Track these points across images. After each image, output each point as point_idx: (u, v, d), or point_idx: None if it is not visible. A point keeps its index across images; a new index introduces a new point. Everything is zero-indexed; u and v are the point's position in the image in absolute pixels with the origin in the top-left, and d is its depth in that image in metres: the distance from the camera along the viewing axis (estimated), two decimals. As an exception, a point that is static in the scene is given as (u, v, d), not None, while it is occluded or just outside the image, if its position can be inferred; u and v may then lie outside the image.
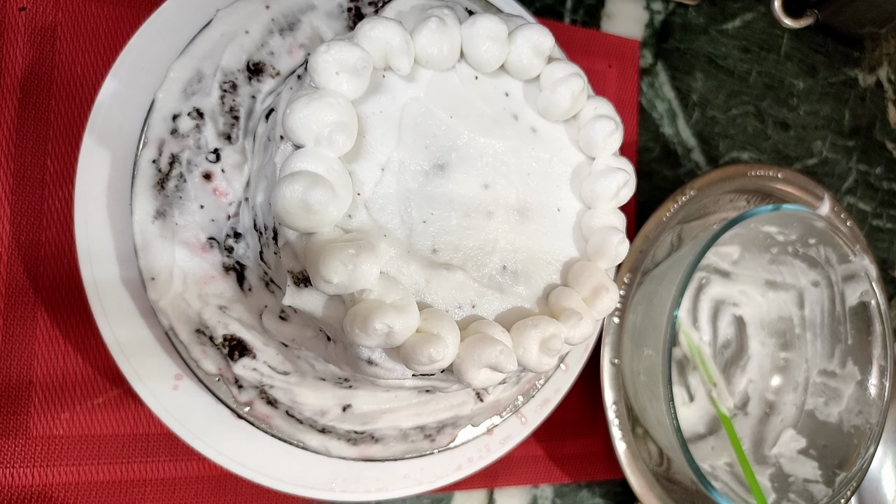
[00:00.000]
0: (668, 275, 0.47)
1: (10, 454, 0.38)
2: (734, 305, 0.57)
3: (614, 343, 0.49)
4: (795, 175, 0.56)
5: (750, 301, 0.57)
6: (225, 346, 0.37)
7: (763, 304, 0.57)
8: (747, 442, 0.54)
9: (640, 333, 0.48)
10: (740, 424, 0.55)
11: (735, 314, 0.57)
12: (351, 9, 0.37)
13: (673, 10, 0.59)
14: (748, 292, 0.57)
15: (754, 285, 0.57)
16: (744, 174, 0.54)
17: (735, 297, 0.57)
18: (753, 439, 0.54)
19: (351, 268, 0.27)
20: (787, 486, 0.50)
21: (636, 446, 0.49)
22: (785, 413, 0.54)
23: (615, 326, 0.49)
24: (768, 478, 0.51)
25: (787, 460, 0.52)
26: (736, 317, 0.57)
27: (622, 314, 0.49)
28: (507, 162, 0.33)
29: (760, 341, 0.57)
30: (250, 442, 0.39)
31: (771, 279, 0.56)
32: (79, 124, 0.40)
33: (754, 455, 0.53)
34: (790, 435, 0.53)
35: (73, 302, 0.40)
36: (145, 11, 0.38)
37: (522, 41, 0.32)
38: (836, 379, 0.53)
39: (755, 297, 0.57)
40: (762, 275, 0.56)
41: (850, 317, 0.52)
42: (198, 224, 0.36)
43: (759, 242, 0.54)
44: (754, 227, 0.51)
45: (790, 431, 0.53)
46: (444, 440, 0.42)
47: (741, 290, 0.57)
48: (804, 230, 0.50)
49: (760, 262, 0.56)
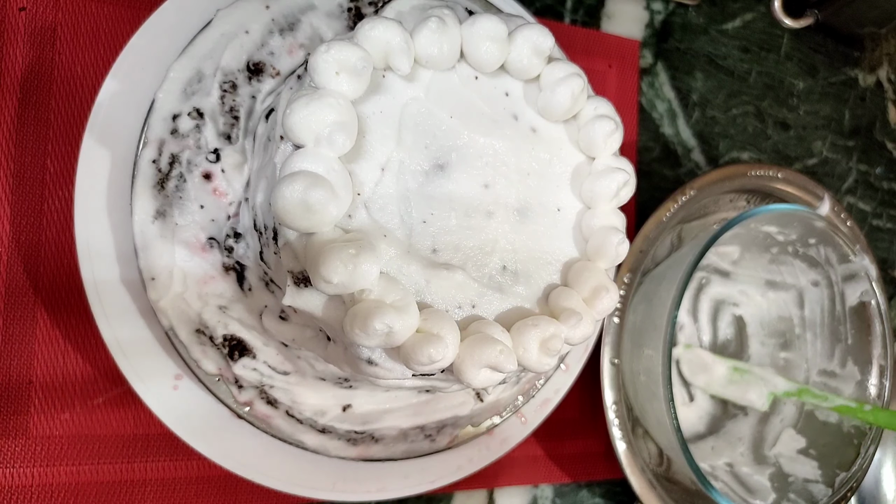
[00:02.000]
0: (668, 274, 0.47)
1: (10, 454, 0.38)
2: (734, 305, 0.57)
3: (614, 343, 0.49)
4: (795, 175, 0.56)
5: (750, 301, 0.57)
6: (225, 346, 0.37)
7: (763, 304, 0.57)
8: (746, 442, 0.54)
9: (640, 333, 0.48)
10: (739, 425, 0.55)
11: (735, 314, 0.57)
12: (351, 9, 0.37)
13: (673, 10, 0.59)
14: (748, 292, 0.57)
15: (754, 285, 0.57)
16: (744, 174, 0.54)
17: (735, 296, 0.57)
18: (753, 439, 0.54)
19: (351, 268, 0.27)
20: (786, 486, 0.50)
21: (636, 446, 0.49)
22: (784, 413, 0.54)
23: (615, 326, 0.49)
24: (768, 477, 0.51)
25: (786, 460, 0.51)
26: (736, 317, 0.57)
27: (622, 314, 0.49)
28: (507, 162, 0.33)
29: (760, 341, 0.57)
30: (250, 442, 0.39)
31: (771, 279, 0.56)
32: (79, 124, 0.40)
33: (754, 455, 0.53)
34: (790, 435, 0.53)
35: (73, 302, 0.40)
36: (145, 11, 0.38)
37: (522, 41, 0.32)
38: (836, 379, 0.53)
39: (755, 297, 0.57)
40: (762, 275, 0.56)
41: (850, 317, 0.52)
42: (198, 224, 0.36)
43: (759, 242, 0.54)
44: (754, 227, 0.51)
45: (790, 431, 0.53)
46: (444, 440, 0.42)
47: (741, 289, 0.57)
48: (804, 230, 0.50)
49: (760, 262, 0.56)
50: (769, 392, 0.53)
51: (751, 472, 0.52)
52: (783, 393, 0.53)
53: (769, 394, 0.53)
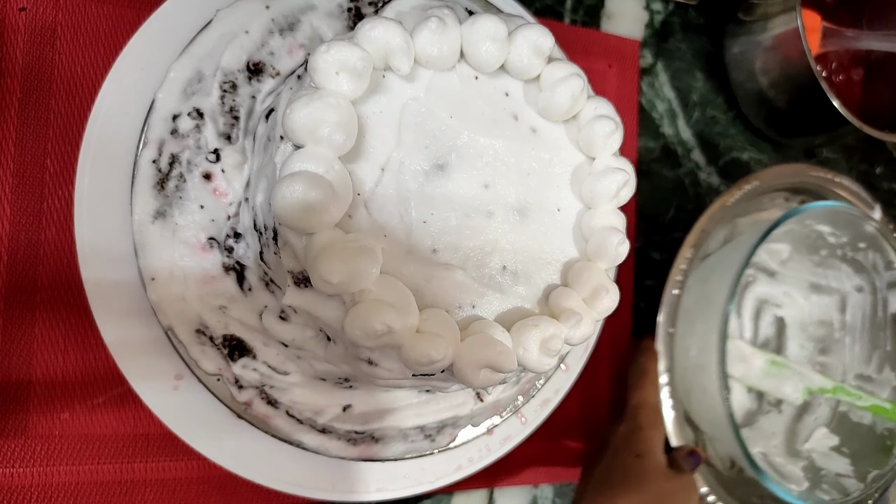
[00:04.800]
0: (721, 264, 0.48)
1: (10, 454, 0.38)
2: (776, 306, 0.59)
3: (670, 314, 0.50)
4: (851, 181, 0.57)
5: (793, 303, 0.59)
6: (225, 346, 0.37)
7: (805, 307, 0.58)
8: (780, 437, 0.55)
9: (694, 312, 0.49)
10: (773, 420, 0.56)
11: (777, 315, 0.58)
12: (351, 9, 0.37)
13: (673, 10, 0.59)
14: (792, 294, 0.58)
15: (798, 287, 0.58)
16: (805, 172, 0.55)
17: (778, 298, 0.58)
18: (786, 435, 0.56)
19: (351, 268, 0.27)
20: (819, 478, 0.51)
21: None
22: (819, 413, 0.55)
23: (674, 298, 0.50)
24: (801, 469, 0.52)
25: (819, 455, 0.53)
26: (777, 317, 0.58)
27: (682, 287, 0.51)
28: (507, 162, 0.33)
29: (799, 343, 0.58)
30: (250, 442, 0.39)
31: (816, 282, 0.58)
32: (79, 124, 0.40)
33: (787, 448, 0.55)
34: (823, 433, 0.54)
35: (73, 302, 0.40)
36: (145, 11, 0.38)
37: (522, 41, 0.32)
38: (871, 383, 0.54)
39: (798, 300, 0.58)
40: (807, 277, 0.58)
41: (891, 323, 0.53)
42: (198, 224, 0.36)
43: (809, 243, 0.55)
44: (809, 224, 0.53)
45: (823, 430, 0.54)
46: (444, 440, 0.42)
47: (785, 291, 0.58)
48: (855, 233, 0.51)
49: (807, 265, 0.57)
50: (804, 387, 0.54)
51: (784, 462, 0.53)
52: (818, 389, 0.54)
53: (804, 388, 0.54)
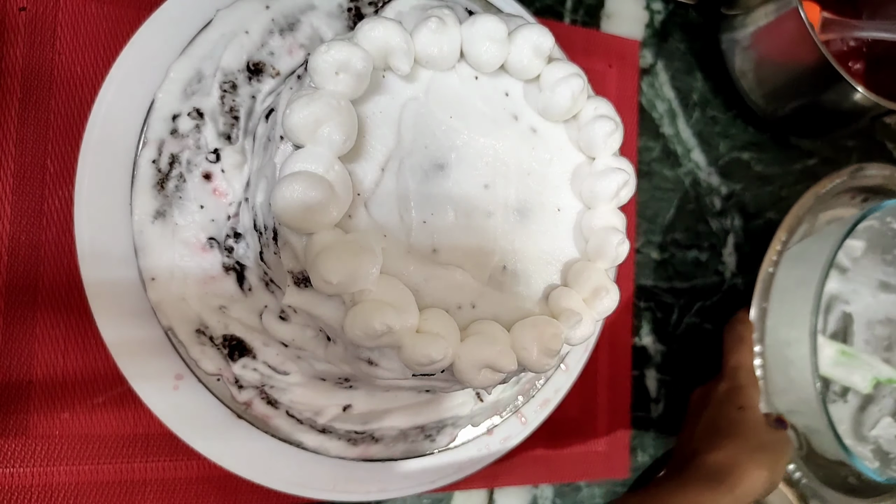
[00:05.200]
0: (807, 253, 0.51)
1: (10, 454, 0.38)
2: (845, 303, 0.60)
3: (763, 290, 0.53)
4: None
5: (861, 300, 0.59)
6: (225, 346, 0.37)
7: (873, 305, 0.59)
8: (846, 423, 0.57)
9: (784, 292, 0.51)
10: (839, 410, 0.57)
11: (845, 311, 0.59)
12: (351, 9, 0.37)
13: (673, 10, 0.59)
14: (860, 291, 0.59)
15: (868, 285, 0.59)
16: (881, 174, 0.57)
17: (848, 294, 0.60)
18: (852, 422, 0.57)
19: (351, 268, 0.27)
20: (888, 460, 0.54)
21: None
22: (883, 404, 0.57)
23: (768, 275, 0.53)
24: (870, 451, 0.55)
25: (885, 441, 0.55)
26: (845, 313, 0.59)
27: (776, 266, 0.53)
28: (507, 162, 0.33)
29: (865, 339, 0.59)
30: (250, 442, 0.39)
31: (886, 280, 0.59)
32: (79, 124, 0.40)
33: (854, 433, 0.56)
34: (888, 422, 0.56)
35: (73, 302, 0.40)
36: (145, 11, 0.38)
37: (522, 41, 0.32)
38: None
39: (866, 297, 0.59)
40: (877, 276, 0.59)
41: None
42: (198, 224, 0.36)
43: (886, 241, 0.57)
44: (889, 222, 0.55)
45: (888, 419, 0.56)
46: (444, 440, 0.42)
47: (854, 288, 0.59)
48: None
49: (878, 263, 0.58)
50: (873, 377, 0.56)
51: (854, 444, 0.55)
52: (886, 379, 0.56)
53: (872, 378, 0.56)
